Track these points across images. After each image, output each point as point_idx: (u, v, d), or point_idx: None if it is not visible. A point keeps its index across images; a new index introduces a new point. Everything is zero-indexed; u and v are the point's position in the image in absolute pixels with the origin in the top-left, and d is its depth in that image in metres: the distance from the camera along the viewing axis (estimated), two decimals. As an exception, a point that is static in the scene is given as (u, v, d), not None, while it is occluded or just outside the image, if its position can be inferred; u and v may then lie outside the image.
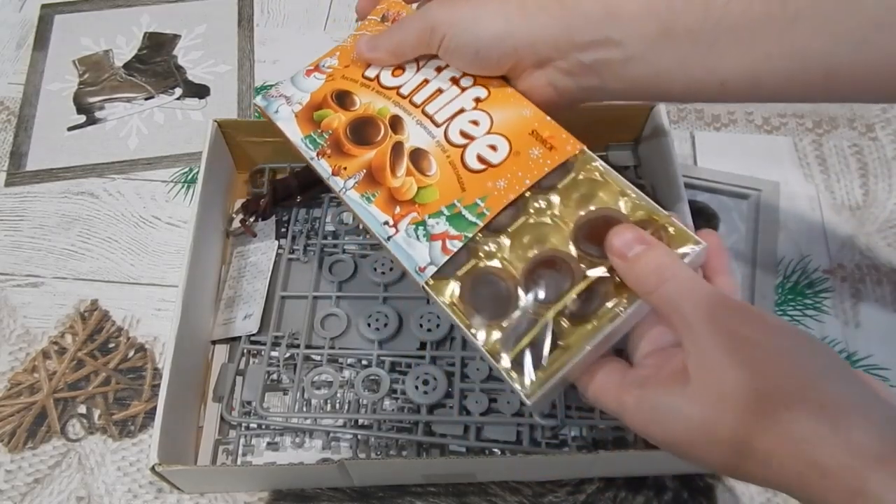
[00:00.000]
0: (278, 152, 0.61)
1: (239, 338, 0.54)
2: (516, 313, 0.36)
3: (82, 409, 0.54)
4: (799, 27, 0.34)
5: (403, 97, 0.44)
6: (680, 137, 0.66)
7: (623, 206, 0.38)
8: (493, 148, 0.40)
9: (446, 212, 0.39)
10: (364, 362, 0.53)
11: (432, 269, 0.38)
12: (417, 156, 0.42)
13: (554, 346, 0.35)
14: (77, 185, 0.65)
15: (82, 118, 0.70)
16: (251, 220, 0.59)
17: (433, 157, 0.41)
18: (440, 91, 0.43)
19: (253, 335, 0.54)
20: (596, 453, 0.45)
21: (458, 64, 0.42)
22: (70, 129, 0.69)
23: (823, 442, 0.27)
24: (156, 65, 0.73)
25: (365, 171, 0.42)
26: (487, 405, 0.50)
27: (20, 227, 0.63)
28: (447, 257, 0.38)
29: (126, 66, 0.73)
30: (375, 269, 0.56)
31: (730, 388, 0.28)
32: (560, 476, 0.50)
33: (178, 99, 0.71)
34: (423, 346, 0.53)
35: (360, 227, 0.58)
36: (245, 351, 0.54)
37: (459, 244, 0.38)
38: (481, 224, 0.38)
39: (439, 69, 0.44)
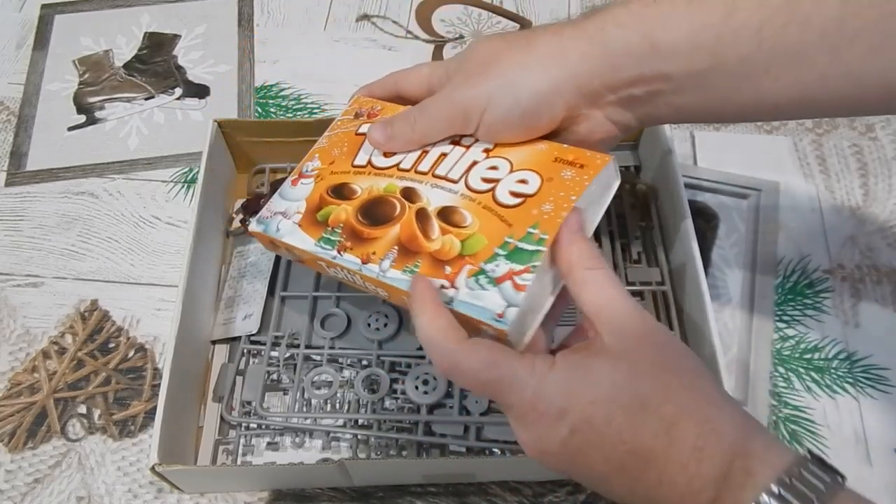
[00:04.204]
0: (278, 152, 0.61)
1: (239, 338, 0.54)
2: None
3: (82, 409, 0.54)
4: (857, 47, 0.33)
5: (406, 171, 0.42)
6: (680, 137, 0.66)
7: None
8: (524, 182, 0.39)
9: (502, 252, 0.36)
10: (364, 362, 0.53)
11: (513, 311, 0.35)
12: (446, 213, 0.39)
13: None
14: (77, 185, 0.65)
15: (82, 118, 0.70)
16: (251, 219, 0.59)
17: (463, 208, 0.39)
18: (444, 155, 0.41)
19: (253, 335, 0.54)
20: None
21: (504, 135, 0.40)
22: (70, 129, 0.69)
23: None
24: (156, 65, 0.73)
25: (396, 247, 0.39)
26: (487, 405, 0.50)
27: (20, 227, 0.63)
28: (523, 294, 0.35)
29: (126, 66, 0.73)
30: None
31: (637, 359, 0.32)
32: (560, 476, 0.50)
33: (178, 99, 0.71)
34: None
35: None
36: (245, 351, 0.54)
37: (531, 276, 0.35)
38: (544, 248, 0.36)
39: None
